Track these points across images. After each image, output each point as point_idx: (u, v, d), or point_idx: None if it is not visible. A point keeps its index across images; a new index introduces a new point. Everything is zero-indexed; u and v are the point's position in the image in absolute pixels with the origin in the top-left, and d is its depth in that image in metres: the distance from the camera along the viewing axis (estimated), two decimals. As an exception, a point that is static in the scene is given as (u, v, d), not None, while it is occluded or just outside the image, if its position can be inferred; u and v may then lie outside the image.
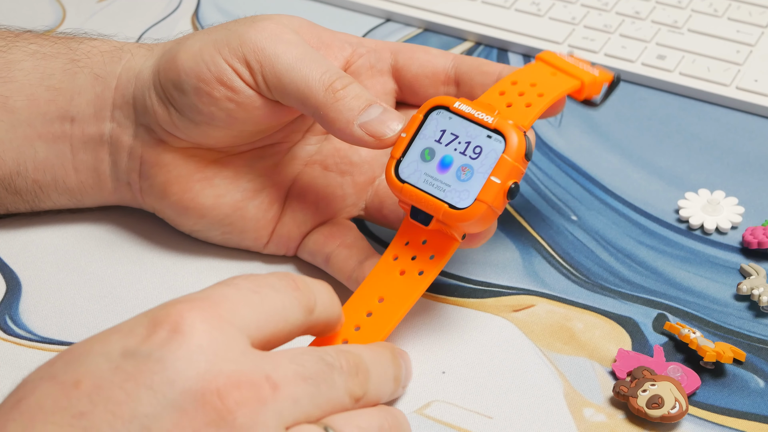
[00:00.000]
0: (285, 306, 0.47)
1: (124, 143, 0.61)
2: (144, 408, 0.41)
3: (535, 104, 0.57)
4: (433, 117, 0.56)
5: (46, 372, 0.43)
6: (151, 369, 0.41)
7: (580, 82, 0.59)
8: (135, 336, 0.43)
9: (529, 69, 0.59)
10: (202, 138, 0.60)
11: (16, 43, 0.63)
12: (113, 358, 0.42)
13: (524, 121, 0.56)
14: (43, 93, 0.61)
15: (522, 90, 0.57)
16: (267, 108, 0.58)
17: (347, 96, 0.56)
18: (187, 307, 0.43)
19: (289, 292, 0.47)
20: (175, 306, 0.43)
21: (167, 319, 0.43)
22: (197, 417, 0.41)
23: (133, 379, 0.41)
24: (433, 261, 0.56)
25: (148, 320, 0.43)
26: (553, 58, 0.60)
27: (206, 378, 0.42)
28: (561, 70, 0.59)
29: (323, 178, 0.62)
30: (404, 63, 0.62)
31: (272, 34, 0.58)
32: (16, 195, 0.62)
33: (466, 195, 0.55)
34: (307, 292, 0.48)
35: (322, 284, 0.50)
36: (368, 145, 0.56)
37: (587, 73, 0.60)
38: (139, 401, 0.41)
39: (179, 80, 0.58)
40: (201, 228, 0.62)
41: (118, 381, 0.41)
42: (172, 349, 0.42)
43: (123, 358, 0.42)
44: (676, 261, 0.65)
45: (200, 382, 0.42)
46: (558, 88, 0.58)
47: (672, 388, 0.55)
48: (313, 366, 0.45)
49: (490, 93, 0.58)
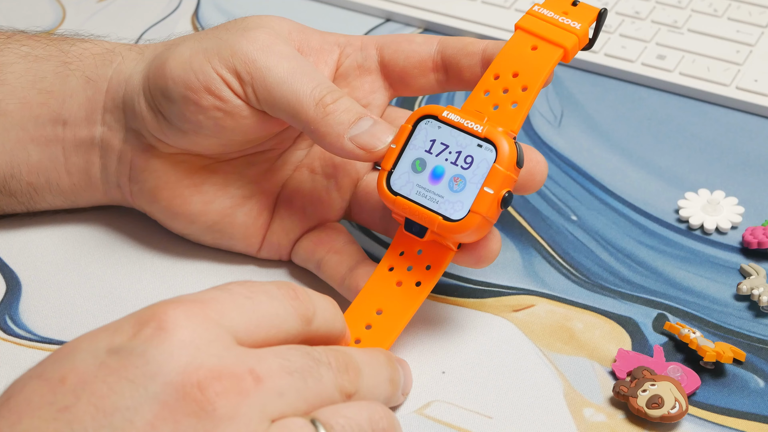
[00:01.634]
0: (279, 313, 0.47)
1: (114, 147, 0.61)
2: (125, 401, 0.42)
3: (522, 103, 0.56)
4: (422, 127, 0.56)
5: (35, 371, 0.43)
6: (134, 363, 0.42)
7: (563, 51, 0.57)
8: (121, 334, 0.44)
9: (509, 50, 0.57)
10: (190, 145, 0.59)
11: (7, 45, 0.63)
12: (99, 355, 0.43)
13: (513, 125, 0.55)
14: (35, 96, 0.61)
15: (505, 85, 0.56)
16: (255, 118, 0.58)
17: (337, 110, 0.56)
18: (173, 306, 0.44)
19: (284, 301, 0.47)
20: (161, 306, 0.44)
21: (153, 317, 0.44)
22: (178, 409, 0.42)
23: (116, 374, 0.42)
24: (429, 271, 0.56)
25: (134, 319, 0.44)
26: (532, 23, 0.58)
27: (187, 371, 0.42)
28: (542, 39, 0.57)
29: (310, 182, 0.62)
30: (390, 57, 0.61)
31: (264, 45, 0.57)
32: (11, 197, 0.62)
33: (460, 206, 0.54)
34: (306, 302, 0.48)
35: (326, 299, 0.50)
36: (359, 158, 0.56)
37: (569, 36, 0.57)
38: (121, 394, 0.42)
39: (167, 88, 0.58)
40: (191, 232, 0.62)
41: (101, 375, 0.42)
42: (154, 344, 0.43)
43: (108, 355, 0.43)
44: (676, 261, 0.65)
45: (181, 375, 0.42)
46: (541, 71, 0.56)
47: (672, 388, 0.55)
48: (298, 360, 0.46)
49: (475, 94, 0.57)
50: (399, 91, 0.62)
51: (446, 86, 0.61)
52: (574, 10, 0.58)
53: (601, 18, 0.58)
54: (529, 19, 0.58)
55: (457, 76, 0.60)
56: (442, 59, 0.60)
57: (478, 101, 0.57)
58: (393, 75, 0.62)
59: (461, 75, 0.60)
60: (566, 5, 0.58)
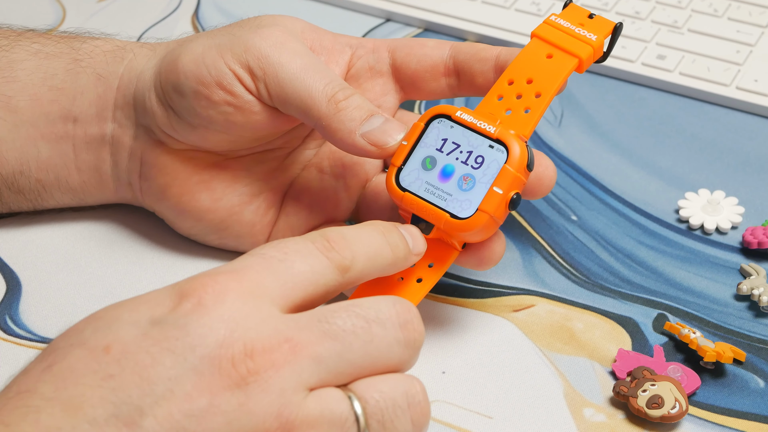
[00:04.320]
0: (314, 270, 0.47)
1: (125, 144, 0.61)
2: (168, 371, 0.43)
3: (534, 109, 0.56)
4: (435, 125, 0.56)
5: (76, 339, 0.44)
6: (175, 335, 0.43)
7: (578, 61, 0.58)
8: (162, 306, 0.45)
9: (525, 56, 0.58)
10: (200, 141, 0.60)
11: (18, 42, 0.63)
12: (141, 326, 0.44)
13: (525, 130, 0.56)
14: (46, 93, 0.61)
15: (519, 91, 0.57)
16: (265, 114, 0.58)
17: (349, 107, 0.56)
18: (211, 281, 0.45)
19: (317, 255, 0.47)
20: (200, 279, 0.45)
21: (193, 292, 0.45)
22: (213, 382, 0.43)
23: (158, 345, 0.43)
24: (432, 269, 0.56)
25: (175, 292, 0.45)
26: (549, 32, 0.58)
27: (224, 344, 0.43)
28: (557, 48, 0.58)
29: (318, 181, 0.62)
30: (402, 60, 0.62)
31: (277, 41, 0.58)
32: (20, 194, 0.62)
33: (468, 205, 0.54)
34: (343, 250, 0.48)
35: (368, 231, 0.50)
36: (370, 154, 0.56)
37: (584, 47, 0.58)
38: (163, 365, 0.43)
39: (179, 83, 0.58)
40: (198, 231, 0.62)
41: (145, 346, 0.43)
42: (194, 318, 0.44)
43: (150, 326, 0.44)
44: (676, 261, 0.65)
45: (217, 349, 0.43)
46: (555, 79, 0.57)
47: (672, 388, 0.55)
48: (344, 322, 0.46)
49: (489, 98, 0.57)
50: (410, 95, 0.63)
51: (457, 91, 0.62)
52: (591, 22, 0.59)
53: (617, 32, 0.59)
54: (545, 27, 0.59)
55: (469, 81, 0.60)
56: (454, 64, 0.61)
57: (491, 105, 0.57)
58: (404, 78, 0.62)
59: (473, 80, 0.60)
60: (583, 17, 0.59)
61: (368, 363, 0.46)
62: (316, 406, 0.44)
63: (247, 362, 0.43)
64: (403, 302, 0.47)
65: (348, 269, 0.48)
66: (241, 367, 0.43)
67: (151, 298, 0.46)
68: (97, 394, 0.42)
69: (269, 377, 0.44)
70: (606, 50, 0.59)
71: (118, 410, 0.42)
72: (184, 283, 0.46)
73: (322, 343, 0.45)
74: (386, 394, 0.46)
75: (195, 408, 0.42)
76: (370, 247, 0.49)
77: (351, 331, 0.45)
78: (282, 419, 0.43)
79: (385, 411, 0.45)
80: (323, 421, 0.44)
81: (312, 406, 0.44)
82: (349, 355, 0.45)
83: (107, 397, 0.42)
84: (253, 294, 0.45)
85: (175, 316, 0.44)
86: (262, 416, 0.43)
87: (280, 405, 0.43)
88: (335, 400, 0.45)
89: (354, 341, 0.45)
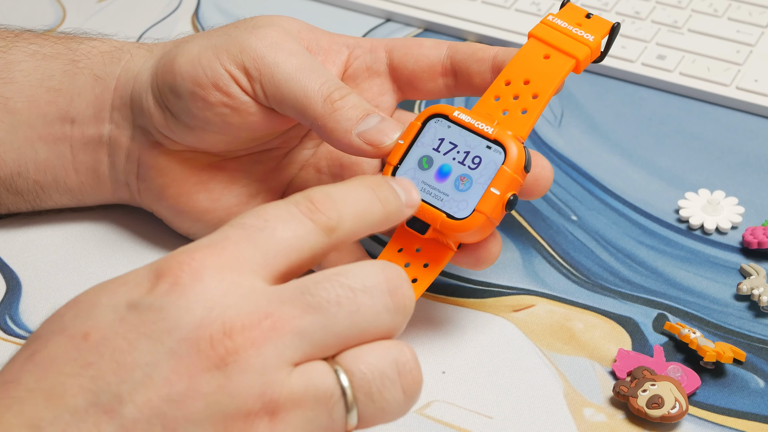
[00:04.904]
0: (297, 235, 0.45)
1: (122, 145, 0.61)
2: (145, 357, 0.42)
3: (531, 110, 0.56)
4: (432, 125, 0.56)
5: (57, 325, 0.44)
6: (152, 319, 0.42)
7: (575, 61, 0.58)
8: (140, 288, 0.44)
9: (522, 57, 0.58)
10: (197, 142, 0.60)
11: (16, 44, 0.63)
12: (119, 310, 0.43)
13: (522, 131, 0.56)
14: (44, 94, 0.61)
15: (516, 92, 0.57)
16: (262, 115, 0.58)
17: (345, 106, 0.56)
18: (187, 258, 0.44)
19: (300, 219, 0.45)
20: (177, 257, 0.44)
21: (169, 271, 0.43)
22: (192, 365, 0.42)
23: (135, 330, 0.42)
24: (427, 269, 0.56)
25: (152, 272, 0.44)
26: (546, 32, 0.58)
27: (201, 326, 0.42)
28: (555, 48, 0.58)
29: (316, 181, 0.62)
30: (399, 60, 0.62)
31: (273, 42, 0.58)
32: (18, 195, 0.62)
33: (465, 205, 0.54)
34: (327, 209, 0.46)
35: (355, 188, 0.48)
36: (366, 154, 0.56)
37: (582, 47, 0.58)
38: (140, 350, 0.42)
39: (175, 84, 0.58)
40: (196, 231, 0.62)
41: (122, 332, 0.42)
42: (171, 299, 0.43)
43: (128, 310, 0.43)
44: (676, 261, 0.65)
45: (195, 331, 0.42)
46: (552, 80, 0.57)
47: (672, 388, 0.55)
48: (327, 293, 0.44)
49: (486, 99, 0.57)
50: (407, 95, 0.62)
51: (455, 91, 0.61)
52: (588, 22, 0.59)
53: (614, 32, 0.59)
54: (542, 28, 0.58)
55: (467, 82, 0.60)
56: (451, 64, 0.61)
57: (488, 105, 0.57)
58: (402, 78, 0.62)
59: (470, 80, 0.60)
60: (580, 17, 0.59)
61: (355, 333, 0.44)
62: (301, 383, 0.43)
63: (226, 342, 0.42)
64: (392, 267, 0.45)
65: (334, 230, 0.46)
66: (219, 348, 0.42)
67: (130, 279, 0.44)
68: (77, 383, 0.42)
69: (249, 356, 0.42)
70: (603, 50, 0.59)
71: (97, 399, 0.41)
72: (161, 262, 0.44)
73: (305, 317, 0.43)
74: (374, 365, 0.44)
75: (174, 392, 0.41)
76: (358, 204, 0.47)
77: (335, 301, 0.44)
78: (265, 399, 0.42)
79: (372, 382, 0.44)
80: (308, 397, 0.43)
81: (296, 383, 0.43)
82: (334, 327, 0.44)
83: (86, 385, 0.41)
84: (233, 268, 0.44)
85: (151, 298, 0.43)
86: (243, 397, 0.42)
87: (263, 384, 0.42)
88: (320, 374, 0.43)
89: (339, 312, 0.44)
